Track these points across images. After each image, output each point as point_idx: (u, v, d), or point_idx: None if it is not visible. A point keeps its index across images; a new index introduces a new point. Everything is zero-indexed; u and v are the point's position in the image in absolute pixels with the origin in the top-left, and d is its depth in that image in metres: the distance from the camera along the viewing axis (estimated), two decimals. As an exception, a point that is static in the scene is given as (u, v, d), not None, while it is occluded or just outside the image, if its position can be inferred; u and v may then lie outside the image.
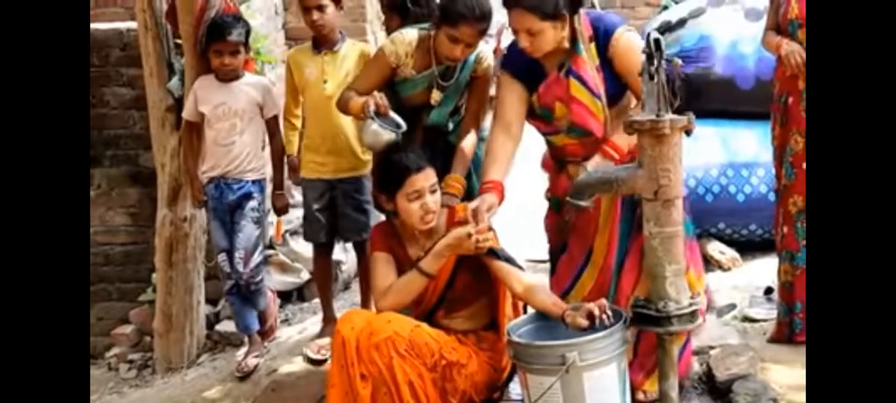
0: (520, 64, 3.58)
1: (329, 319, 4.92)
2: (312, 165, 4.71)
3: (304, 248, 5.52)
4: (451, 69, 3.93)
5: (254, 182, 4.82)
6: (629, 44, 3.47)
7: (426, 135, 4.03)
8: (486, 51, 4.06)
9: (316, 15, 4.48)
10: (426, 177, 3.53)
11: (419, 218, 3.55)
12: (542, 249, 4.20)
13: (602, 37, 3.50)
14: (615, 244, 3.58)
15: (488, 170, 3.63)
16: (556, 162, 3.78)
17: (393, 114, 3.81)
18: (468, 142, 3.99)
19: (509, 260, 3.52)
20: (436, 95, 3.97)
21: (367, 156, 4.66)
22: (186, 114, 4.86)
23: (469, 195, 3.92)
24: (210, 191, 4.82)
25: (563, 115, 3.59)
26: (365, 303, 4.77)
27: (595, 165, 3.49)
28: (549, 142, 3.79)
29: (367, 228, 4.78)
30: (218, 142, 4.73)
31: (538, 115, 3.67)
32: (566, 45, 3.49)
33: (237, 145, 4.73)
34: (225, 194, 4.80)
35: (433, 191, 3.55)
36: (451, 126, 4.10)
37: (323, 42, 4.60)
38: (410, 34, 3.99)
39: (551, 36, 3.42)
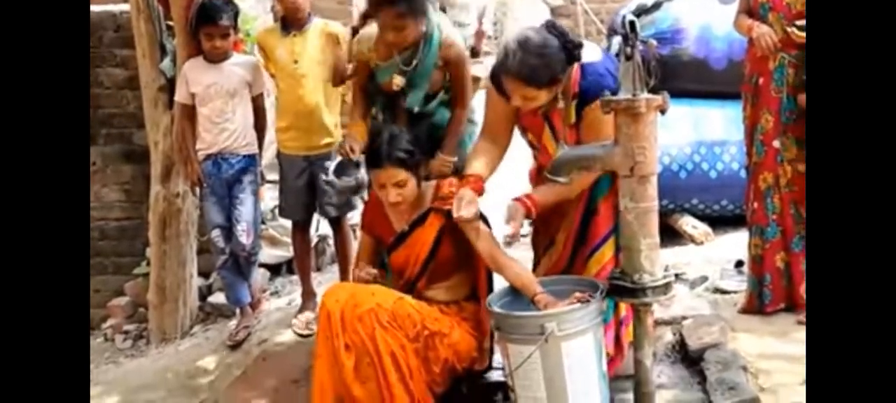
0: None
1: (307, 293, 4.96)
2: (288, 142, 4.72)
3: (293, 223, 5.52)
4: (412, 55, 3.88)
5: (248, 156, 4.82)
6: (601, 117, 3.24)
7: (410, 119, 4.01)
8: (454, 35, 3.97)
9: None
10: (389, 176, 3.50)
11: (385, 202, 3.59)
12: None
13: (583, 97, 3.35)
14: (571, 242, 3.61)
15: (470, 166, 3.59)
16: (537, 168, 3.77)
17: (355, 160, 3.88)
18: (456, 122, 4.00)
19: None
20: (397, 80, 3.92)
21: (339, 131, 4.67)
22: (179, 97, 4.83)
23: (457, 172, 3.92)
24: (207, 168, 4.80)
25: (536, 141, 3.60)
26: (343, 278, 4.78)
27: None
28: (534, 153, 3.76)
29: (346, 204, 4.77)
30: (212, 121, 4.72)
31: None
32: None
33: (231, 122, 4.72)
34: (223, 170, 4.79)
35: (398, 185, 3.50)
36: (432, 108, 4.07)
37: (293, 23, 4.58)
38: (371, 29, 3.96)
39: (545, 97, 3.29)
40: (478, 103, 4.05)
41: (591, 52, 3.37)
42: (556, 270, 3.60)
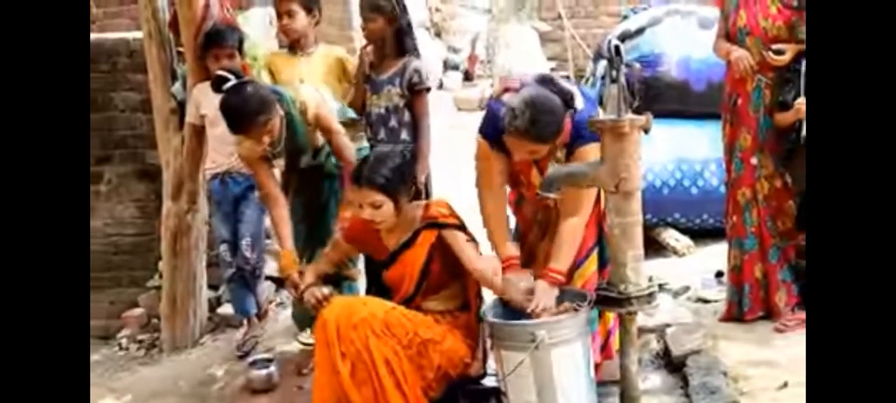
0: (496, 131, 3.34)
1: None
2: None
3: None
4: (278, 141, 3.91)
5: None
6: (587, 158, 3.28)
7: (305, 170, 4.14)
8: (308, 97, 3.98)
9: (285, 20, 4.47)
10: (362, 196, 3.45)
11: (365, 218, 3.53)
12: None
13: (573, 143, 3.33)
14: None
15: (500, 245, 3.50)
16: (517, 197, 3.76)
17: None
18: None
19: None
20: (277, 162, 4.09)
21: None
22: (190, 118, 4.84)
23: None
24: (215, 187, 4.80)
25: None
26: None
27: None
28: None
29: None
30: (221, 142, 4.70)
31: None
32: None
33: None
34: (230, 188, 4.78)
35: (375, 206, 3.44)
36: (321, 159, 4.17)
37: (296, 46, 4.57)
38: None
39: (546, 149, 3.28)
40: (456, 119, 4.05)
41: (577, 100, 3.32)
42: None
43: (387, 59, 4.31)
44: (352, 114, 4.26)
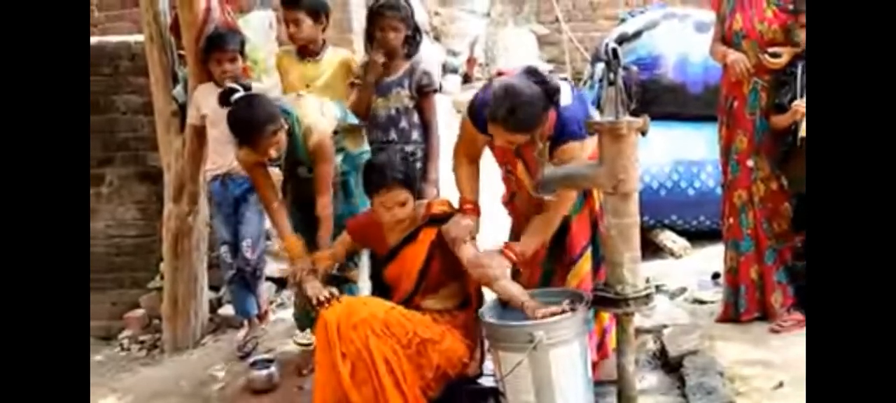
0: (482, 118, 3.36)
1: None
2: None
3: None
4: (280, 156, 3.90)
5: None
6: (570, 154, 3.31)
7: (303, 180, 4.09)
8: (316, 123, 3.94)
9: (292, 28, 4.46)
10: (393, 197, 3.50)
11: (386, 221, 3.58)
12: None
13: (557, 138, 3.33)
14: (542, 257, 3.61)
15: (463, 192, 3.60)
16: (510, 194, 3.77)
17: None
18: (322, 212, 3.93)
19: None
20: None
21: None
22: (191, 119, 4.85)
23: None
24: (215, 188, 4.80)
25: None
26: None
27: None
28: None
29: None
30: (221, 143, 4.70)
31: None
32: None
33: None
34: (230, 189, 4.78)
35: (402, 204, 3.52)
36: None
37: (304, 51, 4.57)
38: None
39: (525, 139, 3.28)
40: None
41: (564, 95, 3.32)
42: (531, 284, 3.59)
43: (394, 61, 4.34)
44: (354, 119, 4.25)
